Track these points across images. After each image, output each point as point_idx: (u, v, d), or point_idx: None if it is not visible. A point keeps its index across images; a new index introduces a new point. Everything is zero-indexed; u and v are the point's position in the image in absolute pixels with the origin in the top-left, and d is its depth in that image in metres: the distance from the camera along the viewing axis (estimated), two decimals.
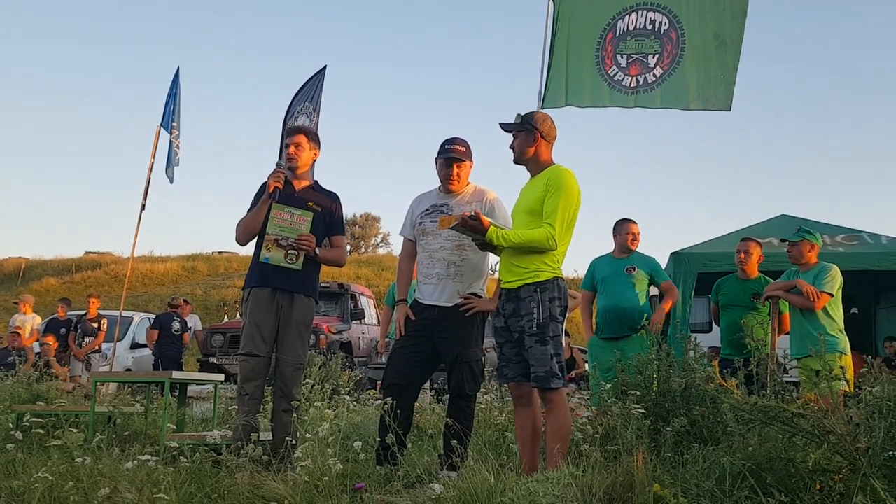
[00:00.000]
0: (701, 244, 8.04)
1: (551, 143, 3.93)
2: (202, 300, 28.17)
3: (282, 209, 4.30)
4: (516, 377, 3.80)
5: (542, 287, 3.71)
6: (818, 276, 5.47)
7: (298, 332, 4.40)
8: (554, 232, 3.67)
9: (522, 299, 3.72)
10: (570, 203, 3.75)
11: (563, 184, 3.73)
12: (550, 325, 3.68)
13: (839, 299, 5.51)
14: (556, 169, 3.83)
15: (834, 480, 2.81)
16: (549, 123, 3.93)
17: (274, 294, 4.35)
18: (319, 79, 10.05)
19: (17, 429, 4.84)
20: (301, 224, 4.32)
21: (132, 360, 13.49)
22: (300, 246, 4.32)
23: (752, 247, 6.20)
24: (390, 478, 3.69)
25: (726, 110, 6.84)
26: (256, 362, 4.31)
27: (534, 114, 3.96)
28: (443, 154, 4.25)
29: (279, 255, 4.29)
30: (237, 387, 4.35)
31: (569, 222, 3.77)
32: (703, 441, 3.88)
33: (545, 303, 3.69)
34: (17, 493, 3.47)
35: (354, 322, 13.73)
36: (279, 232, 4.29)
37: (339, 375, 8.05)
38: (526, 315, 3.69)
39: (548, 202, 3.72)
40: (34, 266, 35.97)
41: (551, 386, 3.63)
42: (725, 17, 6.94)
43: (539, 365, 3.64)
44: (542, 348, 3.65)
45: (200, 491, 3.58)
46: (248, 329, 4.33)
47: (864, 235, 7.90)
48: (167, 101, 10.75)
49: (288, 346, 4.37)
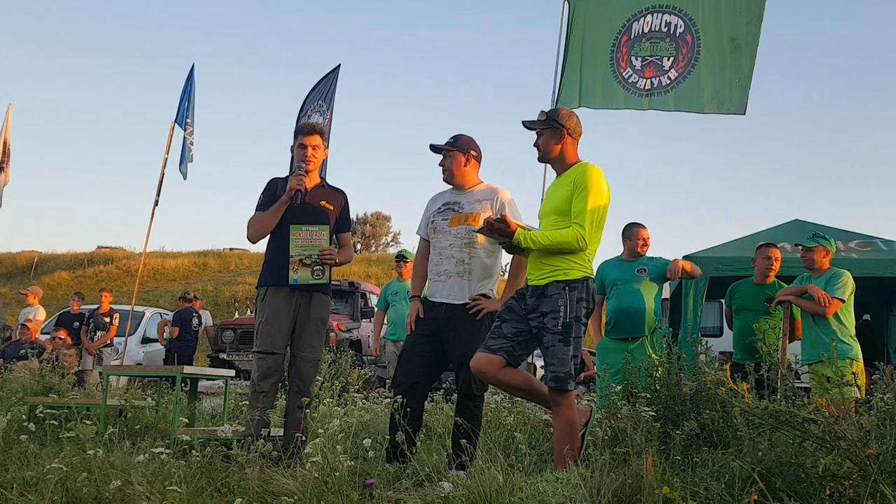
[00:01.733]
0: (713, 248, 8.01)
1: (577, 139, 3.86)
2: (213, 296, 28.29)
3: (299, 229, 4.34)
4: (499, 350, 3.65)
5: (572, 286, 3.64)
6: (830, 282, 5.45)
7: (316, 328, 4.44)
8: (583, 232, 3.61)
9: (549, 296, 3.65)
10: (598, 202, 3.67)
11: (590, 182, 3.66)
12: (575, 325, 3.62)
13: (851, 305, 5.48)
14: (583, 166, 3.75)
15: (844, 486, 2.81)
16: (574, 120, 3.86)
17: (292, 292, 4.37)
18: (333, 77, 10.08)
19: (29, 420, 4.88)
20: (320, 239, 4.36)
21: (143, 355, 13.56)
22: (324, 261, 4.35)
23: (775, 252, 6.19)
24: (399, 476, 3.70)
25: (741, 114, 6.83)
26: (274, 359, 4.33)
27: (559, 110, 3.89)
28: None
29: (306, 273, 4.34)
30: (252, 383, 4.36)
31: (598, 221, 3.70)
32: (713, 445, 3.87)
33: (573, 302, 3.62)
34: (30, 484, 3.50)
35: (364, 320, 13.76)
36: (301, 252, 4.34)
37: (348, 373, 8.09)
38: (551, 312, 3.62)
39: (576, 201, 3.65)
40: (46, 260, 36.20)
41: (567, 388, 3.60)
42: (741, 20, 6.92)
43: (560, 365, 3.59)
44: (566, 348, 3.59)
45: (211, 485, 3.60)
46: (266, 326, 4.35)
47: (878, 242, 7.85)
48: (182, 97, 10.82)
49: (306, 342, 4.41)
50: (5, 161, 12.29)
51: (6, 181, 12.34)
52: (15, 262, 36.27)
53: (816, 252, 5.60)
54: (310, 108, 9.94)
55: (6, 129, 12.34)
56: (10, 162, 12.43)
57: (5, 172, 12.32)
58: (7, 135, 12.33)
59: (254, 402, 4.28)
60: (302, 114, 10.03)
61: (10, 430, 4.55)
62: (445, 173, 4.30)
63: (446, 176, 4.31)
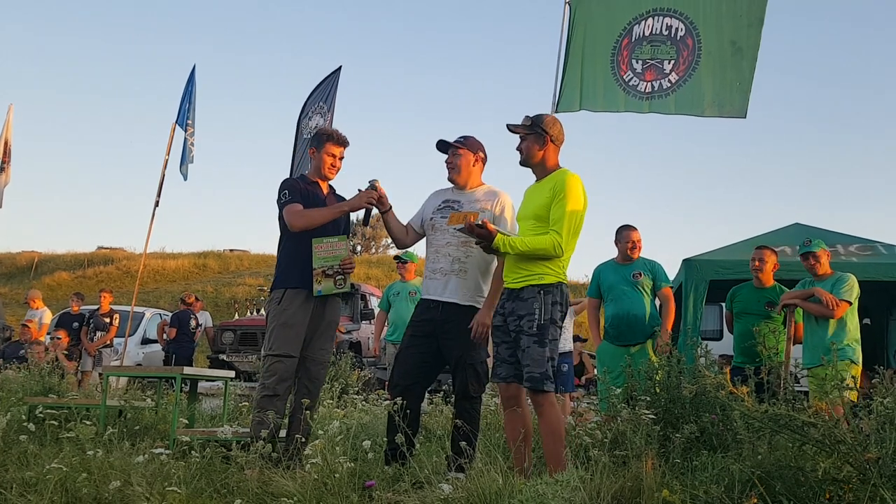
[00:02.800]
0: (713, 251, 8.01)
1: (559, 147, 3.95)
2: (213, 297, 28.27)
3: (321, 242, 4.38)
4: (508, 378, 3.81)
5: (546, 290, 3.73)
6: (836, 285, 5.44)
7: (329, 330, 4.52)
8: (560, 240, 3.70)
9: (525, 300, 3.73)
10: (576, 210, 3.76)
11: (569, 190, 3.74)
12: (550, 327, 3.70)
13: (855, 309, 5.48)
14: (563, 174, 3.83)
15: (843, 490, 2.81)
16: (558, 127, 3.93)
17: (311, 297, 4.39)
18: (334, 79, 10.07)
19: (29, 420, 4.88)
20: (340, 249, 4.41)
21: (143, 356, 13.57)
22: (345, 270, 4.39)
23: (767, 255, 6.18)
24: (398, 477, 3.70)
25: (741, 117, 6.82)
26: (291, 363, 4.34)
27: (543, 116, 3.96)
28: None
29: (329, 284, 4.38)
30: (263, 387, 4.33)
31: (575, 229, 3.78)
32: (713, 448, 3.87)
33: (547, 305, 3.70)
34: (29, 484, 3.50)
35: (364, 322, 13.76)
36: (324, 264, 4.38)
37: (348, 375, 8.09)
38: (527, 315, 3.70)
39: (554, 209, 3.73)
40: (46, 260, 36.17)
41: (544, 388, 3.66)
42: (742, 24, 6.91)
43: (534, 366, 3.65)
44: (541, 350, 3.66)
45: (210, 486, 3.60)
46: (284, 329, 4.35)
47: (879, 246, 7.85)
48: (183, 98, 10.82)
49: (318, 345, 4.45)
50: (6, 161, 12.30)
51: (7, 181, 12.34)
52: (15, 262, 36.25)
53: (818, 257, 5.61)
54: (311, 110, 9.93)
55: (7, 129, 12.35)
56: (10, 162, 12.43)
57: (6, 173, 12.33)
58: (8, 135, 12.33)
59: (267, 405, 4.24)
60: (303, 115, 10.03)
61: (10, 431, 4.56)
62: (453, 170, 4.31)
63: (454, 173, 4.31)
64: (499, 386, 3.91)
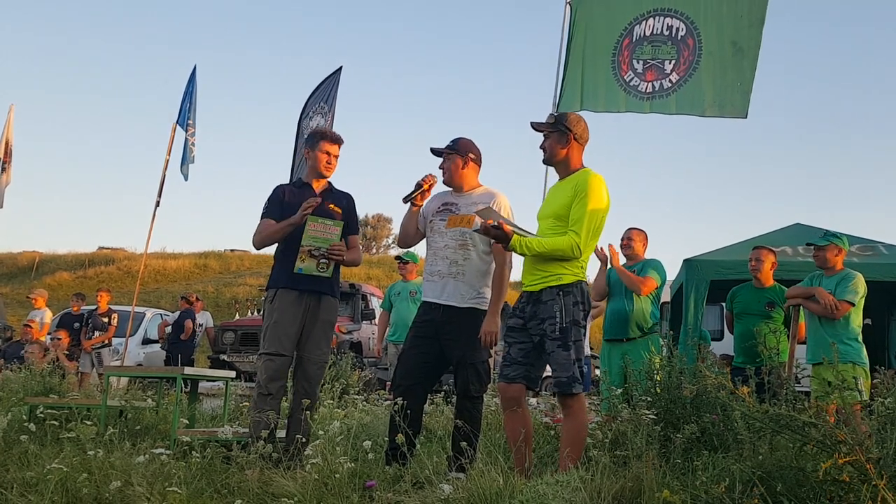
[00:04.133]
0: (714, 251, 8.00)
1: (583, 146, 3.88)
2: (213, 297, 28.30)
3: (316, 220, 4.36)
4: (516, 378, 3.76)
5: (565, 290, 3.66)
6: (840, 284, 5.36)
7: (324, 331, 4.48)
8: (579, 240, 3.63)
9: (544, 302, 3.68)
10: (597, 211, 3.70)
11: (591, 190, 3.68)
12: (573, 329, 3.64)
13: (860, 308, 5.40)
14: (586, 174, 3.77)
15: (844, 490, 2.80)
16: (582, 125, 3.88)
17: (302, 296, 4.40)
18: (335, 79, 10.08)
19: (30, 420, 4.88)
20: (333, 234, 4.38)
21: (143, 356, 13.56)
22: (332, 255, 4.37)
23: (764, 254, 6.17)
24: (399, 478, 3.70)
25: (742, 118, 6.82)
26: (282, 362, 4.34)
27: (567, 115, 3.92)
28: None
29: (311, 264, 4.35)
30: (258, 385, 4.35)
31: (595, 230, 3.72)
32: (714, 448, 3.86)
33: (568, 306, 3.64)
34: (30, 484, 3.50)
35: (365, 322, 13.76)
36: (313, 243, 4.35)
37: (348, 375, 8.09)
38: (548, 319, 3.64)
39: (575, 209, 3.67)
40: (48, 260, 36.19)
41: (573, 391, 3.61)
42: (743, 24, 6.91)
43: (562, 370, 3.60)
44: (566, 353, 3.61)
45: (211, 486, 3.60)
46: (275, 328, 4.36)
47: (880, 246, 7.83)
48: (184, 98, 10.83)
49: (313, 344, 4.43)
50: (7, 161, 12.30)
51: (8, 181, 12.35)
52: (16, 262, 36.27)
53: (828, 251, 5.50)
54: (311, 110, 9.94)
55: (8, 129, 12.35)
56: (11, 162, 12.44)
57: (7, 173, 12.33)
58: (9, 135, 12.34)
59: (260, 404, 4.26)
60: (303, 115, 10.03)
61: (11, 431, 4.56)
62: (445, 175, 4.36)
63: (446, 178, 4.37)
64: (499, 386, 3.88)
